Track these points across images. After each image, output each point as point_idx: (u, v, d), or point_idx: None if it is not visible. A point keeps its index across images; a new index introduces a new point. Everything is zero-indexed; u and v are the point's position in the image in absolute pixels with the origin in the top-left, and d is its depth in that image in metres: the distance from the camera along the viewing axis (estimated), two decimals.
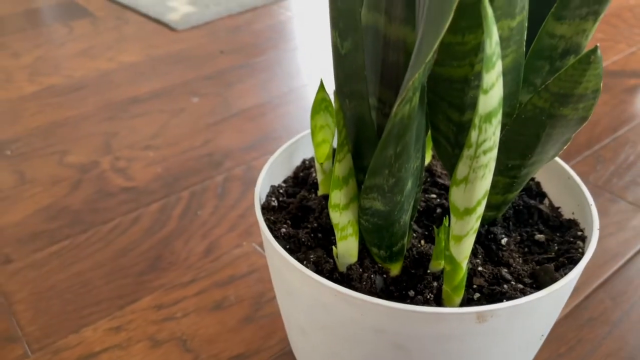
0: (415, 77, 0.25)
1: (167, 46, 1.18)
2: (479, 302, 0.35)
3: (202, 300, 0.60)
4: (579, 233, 0.40)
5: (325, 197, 0.43)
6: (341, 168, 0.32)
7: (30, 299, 0.60)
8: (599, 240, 0.67)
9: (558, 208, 0.44)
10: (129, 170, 0.80)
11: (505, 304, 0.31)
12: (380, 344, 0.34)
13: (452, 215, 0.30)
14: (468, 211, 0.29)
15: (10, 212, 0.73)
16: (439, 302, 0.35)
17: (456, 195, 0.29)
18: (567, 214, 0.43)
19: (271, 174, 0.45)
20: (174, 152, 0.84)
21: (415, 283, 0.36)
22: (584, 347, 0.54)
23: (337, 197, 0.33)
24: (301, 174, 0.47)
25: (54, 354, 0.54)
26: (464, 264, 0.33)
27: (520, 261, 0.38)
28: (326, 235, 0.40)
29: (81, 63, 1.11)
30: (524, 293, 0.34)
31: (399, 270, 0.37)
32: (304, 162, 0.49)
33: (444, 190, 0.45)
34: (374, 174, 0.30)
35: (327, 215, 0.41)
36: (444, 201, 0.43)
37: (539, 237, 0.40)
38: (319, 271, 0.36)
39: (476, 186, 0.27)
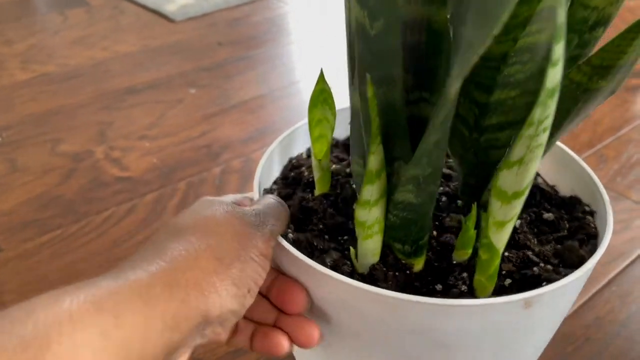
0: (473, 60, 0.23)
1: (164, 37, 1.16)
2: (510, 288, 0.34)
3: None
4: (586, 208, 0.39)
5: (325, 196, 0.40)
6: (374, 161, 0.29)
7: (20, 289, 0.58)
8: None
9: (554, 186, 0.43)
10: (124, 160, 0.78)
11: (550, 287, 0.30)
12: (418, 345, 0.32)
13: (495, 201, 0.29)
14: (517, 195, 0.27)
15: (1, 200, 0.70)
16: (472, 292, 0.33)
17: (506, 179, 0.27)
18: (564, 190, 0.42)
19: (262, 177, 0.43)
20: (171, 142, 0.82)
21: (442, 276, 0.35)
22: (592, 346, 0.53)
23: (369, 192, 0.30)
24: (291, 174, 0.45)
25: None
26: (501, 251, 0.31)
27: (536, 242, 0.37)
28: (333, 237, 0.38)
29: (76, 52, 1.09)
30: (557, 273, 0.34)
31: (422, 264, 0.35)
32: (290, 161, 0.46)
33: (444, 179, 0.43)
34: (415, 164, 0.28)
35: (331, 215, 0.38)
36: (447, 189, 0.41)
37: (548, 215, 0.39)
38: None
39: (530, 168, 0.26)
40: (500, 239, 0.30)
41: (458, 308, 0.29)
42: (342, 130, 0.48)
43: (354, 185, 0.40)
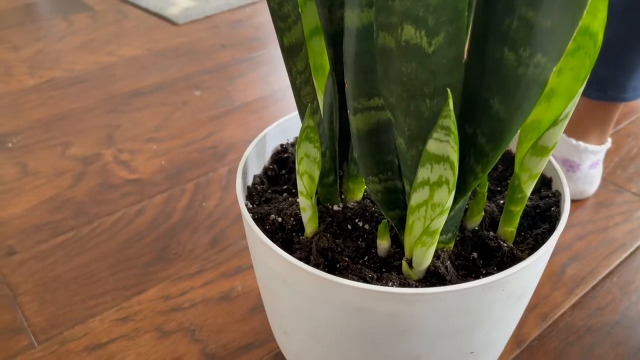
0: None
1: (167, 40, 1.17)
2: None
3: (210, 291, 0.59)
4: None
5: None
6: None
7: (35, 290, 0.60)
8: (605, 231, 0.67)
9: None
10: (132, 163, 0.79)
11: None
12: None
13: (535, 157, 0.34)
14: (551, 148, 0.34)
15: (14, 204, 0.72)
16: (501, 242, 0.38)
17: (550, 136, 0.33)
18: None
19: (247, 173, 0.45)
20: (178, 144, 0.83)
21: (477, 247, 0.38)
22: (593, 335, 0.54)
23: (450, 200, 0.32)
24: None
25: (61, 345, 0.54)
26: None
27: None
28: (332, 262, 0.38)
29: (81, 57, 1.11)
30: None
31: (453, 244, 0.38)
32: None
33: None
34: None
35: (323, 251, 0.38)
36: None
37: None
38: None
39: (564, 124, 0.32)
40: (530, 188, 0.36)
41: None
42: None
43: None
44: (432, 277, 0.36)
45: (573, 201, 0.71)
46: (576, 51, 0.30)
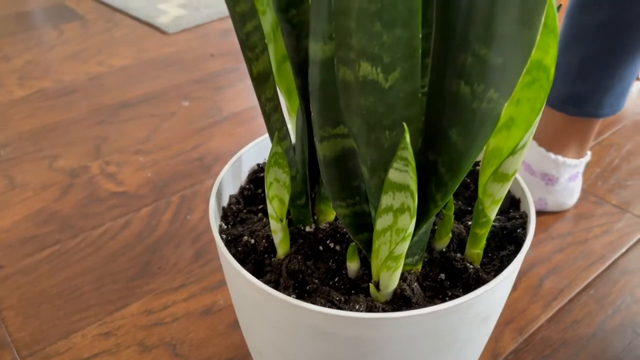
0: None
1: (157, 49, 1.18)
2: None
3: (192, 305, 0.60)
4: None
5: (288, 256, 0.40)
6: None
7: (19, 304, 0.60)
8: (584, 243, 0.68)
9: None
10: (119, 175, 0.80)
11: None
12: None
13: (497, 184, 0.35)
14: (511, 175, 0.35)
15: (0, 217, 0.73)
16: (467, 265, 0.39)
17: (509, 164, 0.34)
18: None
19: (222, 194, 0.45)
20: (165, 156, 0.84)
21: (445, 269, 0.39)
22: (568, 349, 0.55)
23: (411, 225, 0.32)
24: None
25: None
26: None
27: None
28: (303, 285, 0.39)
29: (71, 67, 1.11)
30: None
31: (420, 266, 0.39)
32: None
33: None
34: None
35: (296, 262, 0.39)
36: None
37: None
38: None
39: (523, 153, 0.33)
40: (494, 212, 0.37)
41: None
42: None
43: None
44: (399, 300, 0.36)
45: (553, 213, 0.72)
46: (532, 83, 0.31)
